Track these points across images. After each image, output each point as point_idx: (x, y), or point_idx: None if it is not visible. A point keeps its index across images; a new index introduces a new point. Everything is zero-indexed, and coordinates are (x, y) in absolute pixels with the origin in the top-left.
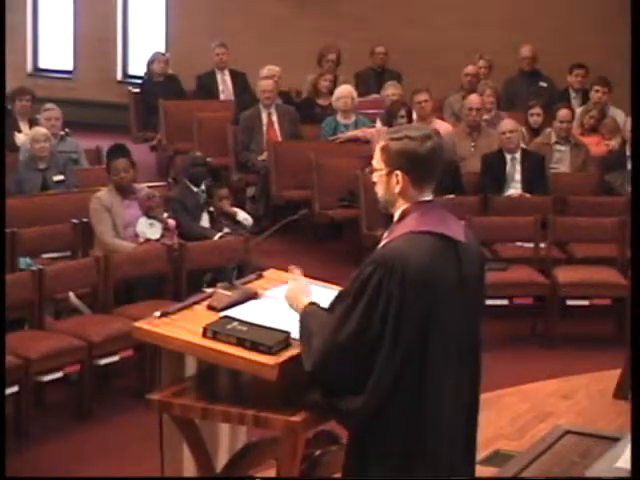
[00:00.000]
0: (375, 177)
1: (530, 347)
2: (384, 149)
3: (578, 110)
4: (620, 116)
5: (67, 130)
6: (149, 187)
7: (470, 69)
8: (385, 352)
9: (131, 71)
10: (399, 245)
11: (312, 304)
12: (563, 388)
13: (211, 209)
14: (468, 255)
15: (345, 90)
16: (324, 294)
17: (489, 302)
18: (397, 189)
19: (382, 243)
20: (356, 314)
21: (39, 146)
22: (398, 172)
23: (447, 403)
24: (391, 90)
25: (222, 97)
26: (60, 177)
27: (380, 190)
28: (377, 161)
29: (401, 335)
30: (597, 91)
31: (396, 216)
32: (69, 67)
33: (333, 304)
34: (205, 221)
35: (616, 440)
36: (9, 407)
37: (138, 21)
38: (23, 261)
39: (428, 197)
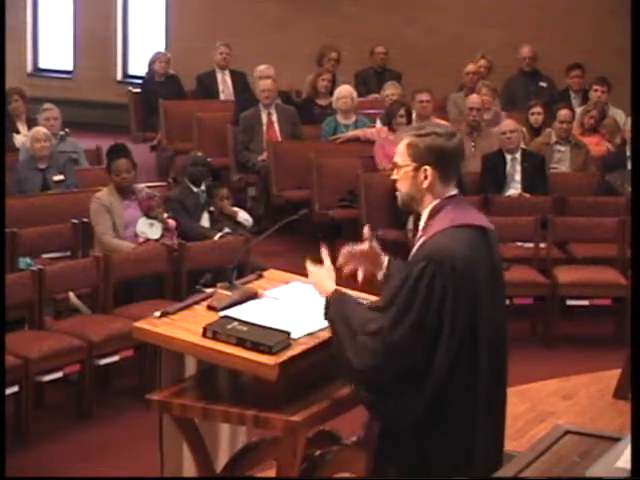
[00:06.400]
0: (398, 174)
1: (530, 347)
2: (410, 145)
3: (578, 110)
4: (620, 116)
5: (67, 130)
6: (149, 187)
7: (471, 67)
8: (444, 346)
9: (131, 71)
10: (443, 240)
11: (338, 291)
12: (563, 388)
13: (211, 209)
14: (494, 242)
15: (345, 90)
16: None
17: None
18: (425, 184)
19: (420, 241)
20: (413, 312)
21: (39, 146)
22: (427, 167)
23: (484, 393)
24: (391, 90)
25: (222, 97)
26: (60, 177)
27: (405, 186)
28: (402, 158)
29: (458, 327)
30: (596, 91)
31: (425, 213)
32: (69, 67)
33: (386, 303)
34: (205, 221)
35: (616, 440)
36: (9, 407)
37: (138, 21)
38: (23, 261)
39: (454, 192)
